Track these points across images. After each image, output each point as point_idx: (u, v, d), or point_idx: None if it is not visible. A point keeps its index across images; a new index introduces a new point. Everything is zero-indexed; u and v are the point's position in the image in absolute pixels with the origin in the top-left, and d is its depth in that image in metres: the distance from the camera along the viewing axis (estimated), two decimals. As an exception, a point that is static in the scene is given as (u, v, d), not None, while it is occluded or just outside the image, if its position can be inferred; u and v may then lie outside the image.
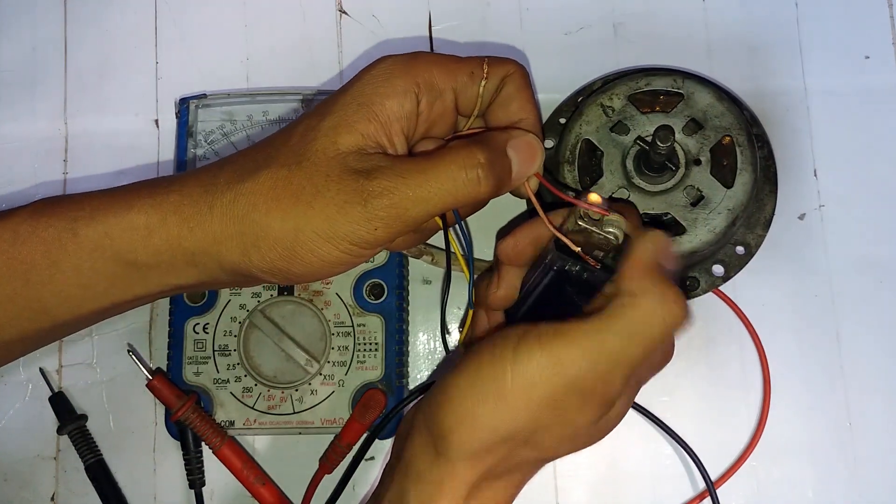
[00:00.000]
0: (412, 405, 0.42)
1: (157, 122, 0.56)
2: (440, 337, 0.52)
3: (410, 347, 0.53)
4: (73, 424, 0.51)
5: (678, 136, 0.49)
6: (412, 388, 0.52)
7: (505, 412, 0.36)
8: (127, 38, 0.57)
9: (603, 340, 0.36)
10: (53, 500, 0.52)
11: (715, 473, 0.50)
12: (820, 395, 0.51)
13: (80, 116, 0.56)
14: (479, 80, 0.42)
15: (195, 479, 0.50)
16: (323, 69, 0.56)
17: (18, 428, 0.53)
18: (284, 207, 0.39)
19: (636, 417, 0.50)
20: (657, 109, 0.50)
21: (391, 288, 0.51)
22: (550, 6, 0.56)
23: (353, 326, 0.50)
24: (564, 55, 0.56)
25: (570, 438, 0.38)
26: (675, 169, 0.49)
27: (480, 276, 0.47)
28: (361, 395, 0.50)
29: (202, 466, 0.50)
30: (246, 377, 0.50)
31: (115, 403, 0.53)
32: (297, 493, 0.50)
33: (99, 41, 0.57)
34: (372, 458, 0.51)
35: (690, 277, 0.51)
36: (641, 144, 0.49)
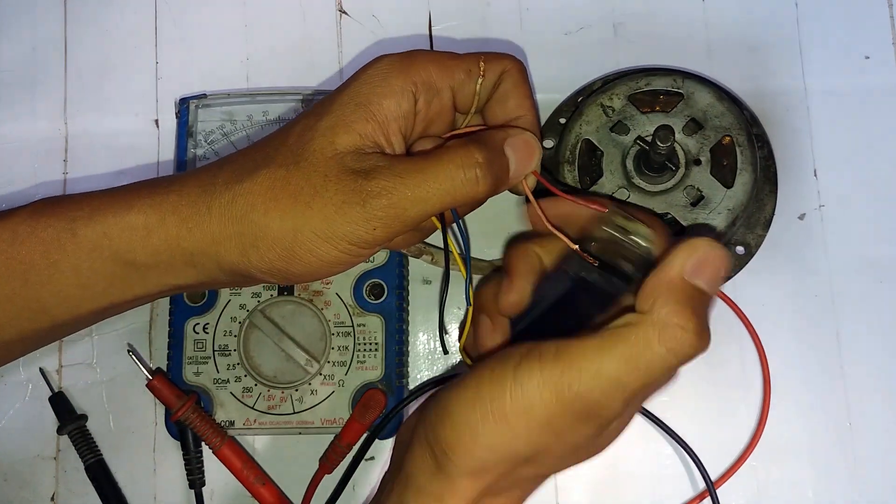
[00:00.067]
0: (414, 408, 0.41)
1: (157, 122, 0.56)
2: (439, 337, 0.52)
3: (410, 347, 0.53)
4: (73, 424, 0.51)
5: (678, 136, 0.49)
6: (412, 387, 0.52)
7: (505, 433, 0.35)
8: (127, 38, 0.57)
9: (602, 364, 0.34)
10: (53, 500, 0.52)
11: (715, 473, 0.50)
12: (820, 395, 0.51)
13: (80, 116, 0.56)
14: (475, 77, 0.42)
15: (195, 479, 0.50)
16: (323, 69, 0.56)
17: (18, 428, 0.53)
18: (283, 208, 0.39)
19: (636, 417, 0.50)
20: (657, 109, 0.50)
21: (391, 288, 0.51)
22: (550, 6, 0.56)
23: (353, 326, 0.50)
24: (564, 55, 0.55)
25: (570, 454, 0.38)
26: (675, 169, 0.49)
27: (486, 280, 0.46)
28: (361, 395, 0.50)
29: (202, 466, 0.50)
30: (246, 377, 0.50)
31: (115, 403, 0.53)
32: (297, 493, 0.50)
33: (99, 41, 0.57)
34: (372, 458, 0.51)
35: (690, 277, 0.51)
36: (641, 144, 0.49)
